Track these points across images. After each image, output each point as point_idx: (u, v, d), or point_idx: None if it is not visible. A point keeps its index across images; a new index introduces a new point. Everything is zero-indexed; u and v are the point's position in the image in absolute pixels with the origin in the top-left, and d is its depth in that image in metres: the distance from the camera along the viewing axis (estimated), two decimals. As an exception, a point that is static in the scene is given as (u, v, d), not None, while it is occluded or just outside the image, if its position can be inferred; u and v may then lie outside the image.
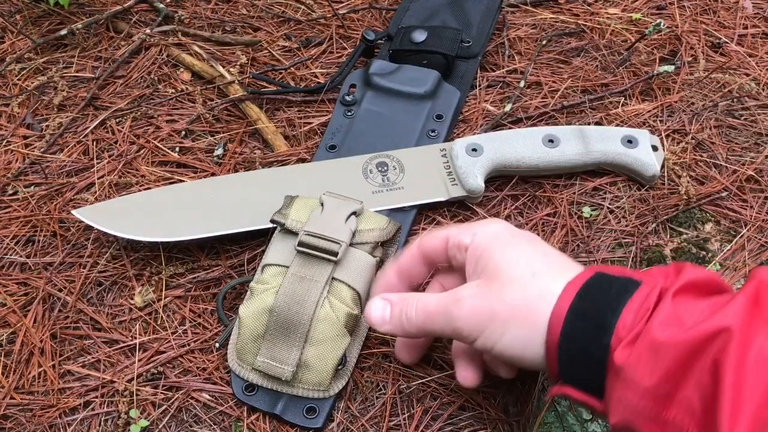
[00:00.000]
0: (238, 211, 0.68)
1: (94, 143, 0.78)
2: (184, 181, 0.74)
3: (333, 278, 0.58)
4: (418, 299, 0.53)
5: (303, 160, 0.75)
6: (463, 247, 0.53)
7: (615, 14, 0.92)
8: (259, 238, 0.68)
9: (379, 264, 0.63)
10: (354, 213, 0.61)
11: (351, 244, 0.60)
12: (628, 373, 0.41)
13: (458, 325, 0.49)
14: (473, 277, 0.51)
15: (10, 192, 0.74)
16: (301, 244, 0.59)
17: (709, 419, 0.37)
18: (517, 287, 0.48)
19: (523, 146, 0.72)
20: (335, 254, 0.58)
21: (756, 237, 0.68)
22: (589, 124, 0.78)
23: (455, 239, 0.53)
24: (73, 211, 0.66)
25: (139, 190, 0.73)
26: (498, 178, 0.73)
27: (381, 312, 0.54)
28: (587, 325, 0.44)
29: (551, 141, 0.72)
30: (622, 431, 0.43)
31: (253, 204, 0.68)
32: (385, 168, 0.71)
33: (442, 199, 0.70)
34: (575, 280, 0.46)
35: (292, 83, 0.84)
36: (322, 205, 0.62)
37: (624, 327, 0.42)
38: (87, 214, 0.66)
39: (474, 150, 0.71)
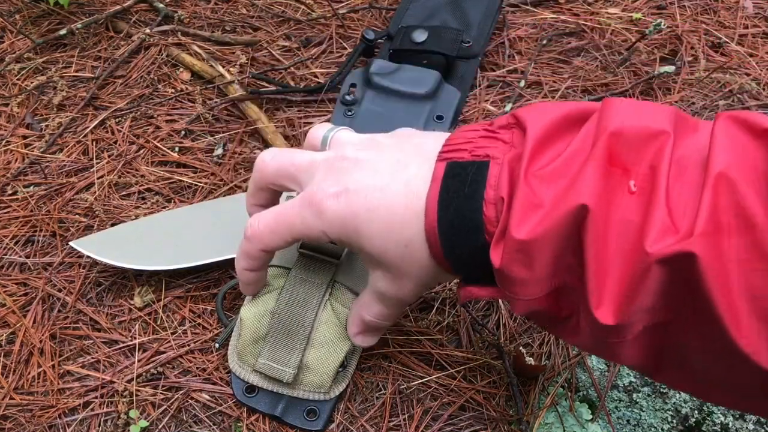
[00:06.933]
0: (242, 233, 0.67)
1: (94, 143, 0.78)
2: (183, 181, 0.74)
3: (335, 281, 0.58)
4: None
5: (303, 160, 0.75)
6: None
7: (615, 14, 0.92)
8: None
9: None
10: None
11: None
12: (508, 273, 0.40)
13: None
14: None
15: (10, 192, 0.73)
16: (303, 246, 0.59)
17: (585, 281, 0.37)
18: (411, 273, 0.47)
19: None
20: (338, 257, 0.58)
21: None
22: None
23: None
24: (72, 243, 0.65)
25: (139, 191, 0.73)
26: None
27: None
28: (461, 232, 0.42)
29: None
30: (532, 318, 0.44)
31: None
32: None
33: None
34: (433, 187, 0.43)
35: (292, 83, 0.84)
36: None
37: (490, 222, 0.41)
38: (87, 245, 0.65)
39: None
